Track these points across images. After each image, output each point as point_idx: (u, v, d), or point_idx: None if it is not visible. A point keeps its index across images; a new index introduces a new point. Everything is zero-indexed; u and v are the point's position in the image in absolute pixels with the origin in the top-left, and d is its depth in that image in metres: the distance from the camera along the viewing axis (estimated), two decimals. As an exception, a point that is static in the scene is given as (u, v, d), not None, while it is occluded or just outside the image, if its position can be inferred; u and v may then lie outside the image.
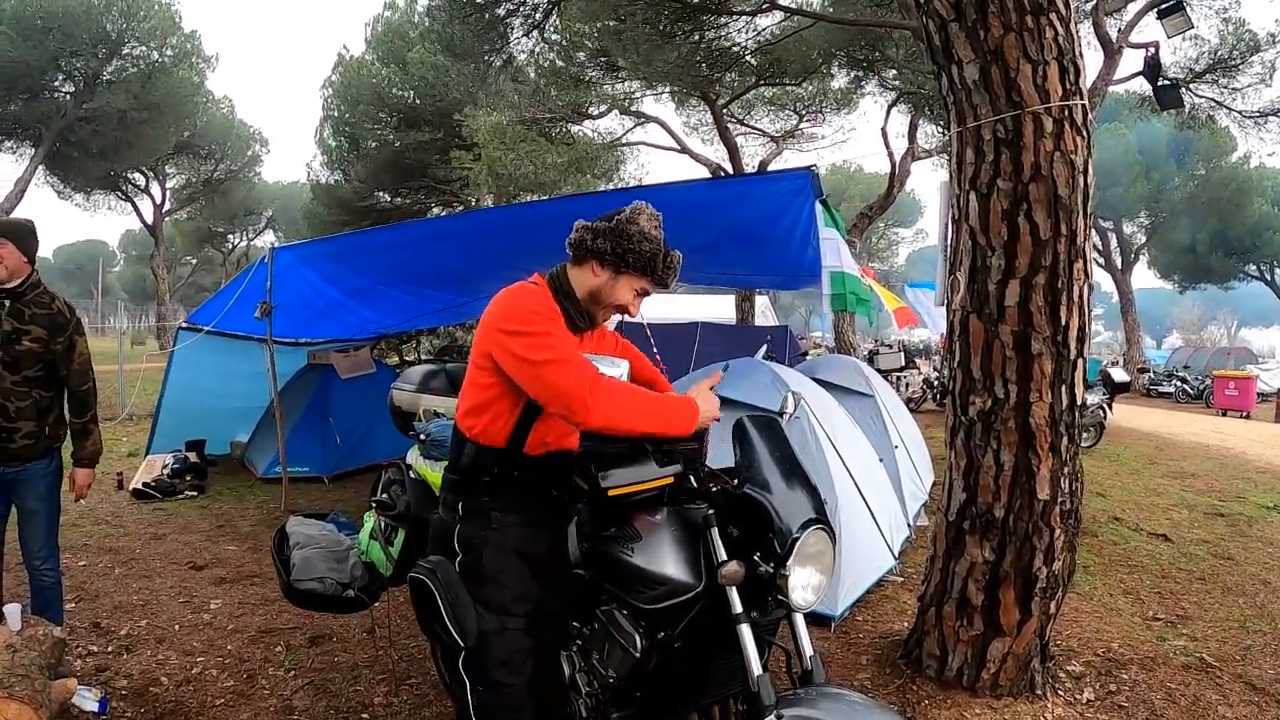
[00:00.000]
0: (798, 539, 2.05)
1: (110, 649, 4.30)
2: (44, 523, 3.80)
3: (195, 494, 8.15)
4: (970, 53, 3.35)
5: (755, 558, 2.10)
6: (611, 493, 2.21)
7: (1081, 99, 3.34)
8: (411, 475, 3.21)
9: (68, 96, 22.24)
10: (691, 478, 2.31)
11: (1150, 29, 11.75)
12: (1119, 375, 13.28)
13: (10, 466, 3.66)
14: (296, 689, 3.86)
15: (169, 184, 33.26)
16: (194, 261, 50.18)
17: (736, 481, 2.22)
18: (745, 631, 2.08)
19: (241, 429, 9.70)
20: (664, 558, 2.20)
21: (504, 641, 2.26)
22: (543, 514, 2.42)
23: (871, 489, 5.45)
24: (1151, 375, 27.26)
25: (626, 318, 2.52)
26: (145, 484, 8.07)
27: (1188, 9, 9.75)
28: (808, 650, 2.17)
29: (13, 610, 3.54)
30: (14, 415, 3.60)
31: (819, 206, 5.23)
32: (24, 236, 3.68)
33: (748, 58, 14.41)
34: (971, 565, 3.63)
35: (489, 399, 2.29)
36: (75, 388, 3.81)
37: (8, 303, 3.62)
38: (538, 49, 14.84)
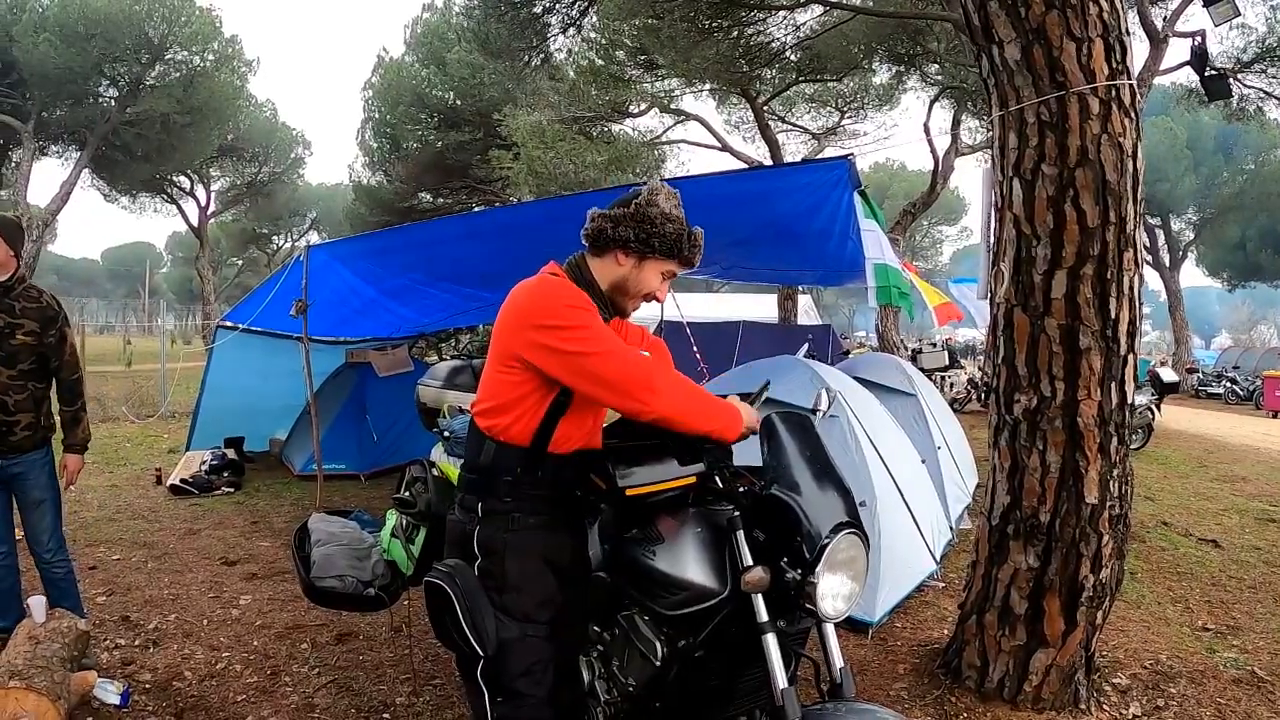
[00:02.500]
0: (827, 544, 1.92)
1: (138, 642, 4.33)
2: (50, 512, 3.87)
3: (232, 490, 8.22)
4: (1011, 32, 3.21)
5: (782, 563, 1.98)
6: (629, 492, 2.11)
7: (1129, 78, 3.19)
8: (435, 473, 3.15)
9: (111, 101, 22.58)
10: (716, 478, 2.19)
11: (1196, 18, 11.47)
12: (1168, 375, 12.96)
13: (9, 459, 3.73)
14: (319, 686, 3.86)
15: (213, 186, 33.75)
16: (239, 263, 50.90)
17: (764, 482, 2.11)
18: (770, 641, 1.96)
19: (280, 426, 9.79)
20: (687, 561, 2.09)
21: (525, 650, 2.15)
22: (566, 516, 2.32)
23: (913, 491, 5.31)
24: (1200, 376, 26.64)
25: (657, 305, 2.43)
26: (183, 480, 8.14)
27: (1234, -5, 9.42)
28: (838, 662, 2.05)
29: (37, 602, 3.59)
30: (13, 409, 3.68)
31: (857, 197, 5.10)
32: (10, 230, 3.72)
33: (788, 54, 14.31)
34: (1015, 572, 3.49)
35: (515, 397, 2.18)
36: (66, 378, 3.89)
37: None
38: (575, 48, 14.87)
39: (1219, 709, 3.62)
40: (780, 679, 1.93)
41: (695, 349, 7.45)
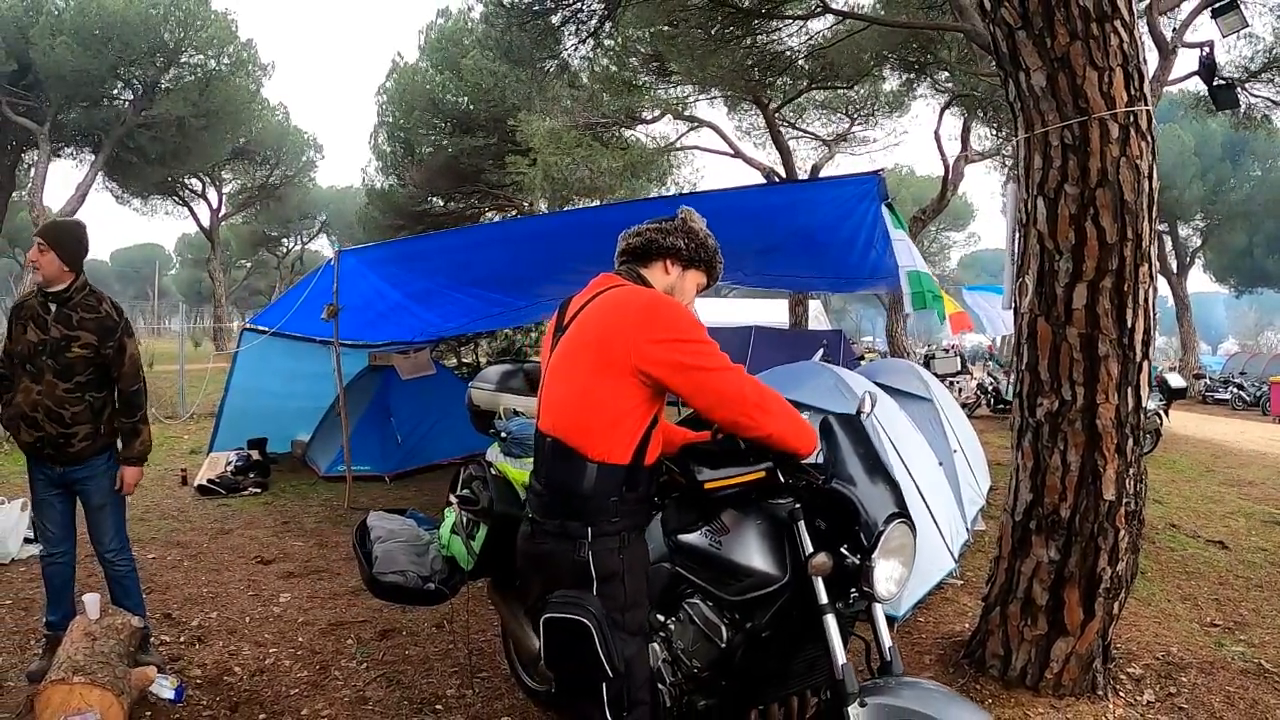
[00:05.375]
0: (883, 532, 2.14)
1: (182, 639, 4.40)
2: (112, 516, 3.87)
3: (259, 491, 8.32)
4: (1038, 60, 3.40)
5: (842, 550, 2.18)
6: (707, 485, 2.28)
7: (1146, 104, 3.38)
8: (493, 472, 3.29)
9: (127, 104, 22.70)
10: (780, 473, 2.35)
11: (1205, 28, 11.58)
12: (1176, 381, 12.99)
13: (73, 468, 3.72)
14: (369, 680, 3.94)
15: (225, 189, 33.94)
16: (249, 265, 50.99)
17: (823, 477, 2.30)
18: (830, 621, 2.16)
19: (301, 428, 9.90)
20: (751, 551, 2.29)
21: (642, 660, 2.23)
22: (647, 522, 2.40)
23: (932, 492, 5.46)
24: (1208, 381, 26.63)
25: None
26: (210, 480, 8.25)
27: (1242, 7, 9.55)
28: (887, 642, 2.25)
29: (91, 599, 3.64)
30: (70, 421, 3.63)
31: (885, 210, 5.25)
32: (68, 245, 3.65)
33: (800, 61, 14.43)
34: (1037, 565, 3.67)
35: (624, 411, 2.17)
36: (126, 388, 3.80)
37: (54, 308, 3.63)
38: (591, 54, 14.97)
39: (1228, 696, 3.79)
40: (840, 654, 2.13)
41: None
